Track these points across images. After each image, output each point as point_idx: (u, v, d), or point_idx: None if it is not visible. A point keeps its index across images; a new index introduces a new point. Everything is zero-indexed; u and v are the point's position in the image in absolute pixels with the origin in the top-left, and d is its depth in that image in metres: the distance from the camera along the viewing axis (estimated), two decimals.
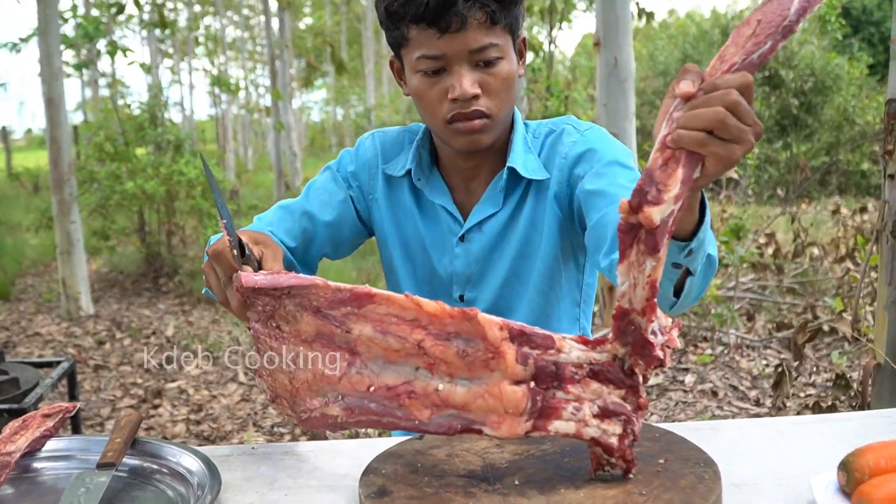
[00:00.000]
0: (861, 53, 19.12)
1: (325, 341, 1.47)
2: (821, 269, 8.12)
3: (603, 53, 5.76)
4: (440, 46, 1.78)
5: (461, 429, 1.39)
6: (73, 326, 8.16)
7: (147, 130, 10.50)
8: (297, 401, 1.52)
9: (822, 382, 5.59)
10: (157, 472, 1.58)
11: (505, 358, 1.36)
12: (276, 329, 1.51)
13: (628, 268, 1.28)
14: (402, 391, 1.42)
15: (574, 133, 1.97)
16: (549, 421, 1.36)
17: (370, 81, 31.69)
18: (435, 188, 2.03)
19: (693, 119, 1.20)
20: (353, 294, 1.43)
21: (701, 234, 1.44)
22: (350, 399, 1.46)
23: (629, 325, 1.33)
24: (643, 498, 1.32)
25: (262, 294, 1.48)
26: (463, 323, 1.37)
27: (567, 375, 1.37)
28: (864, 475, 1.30)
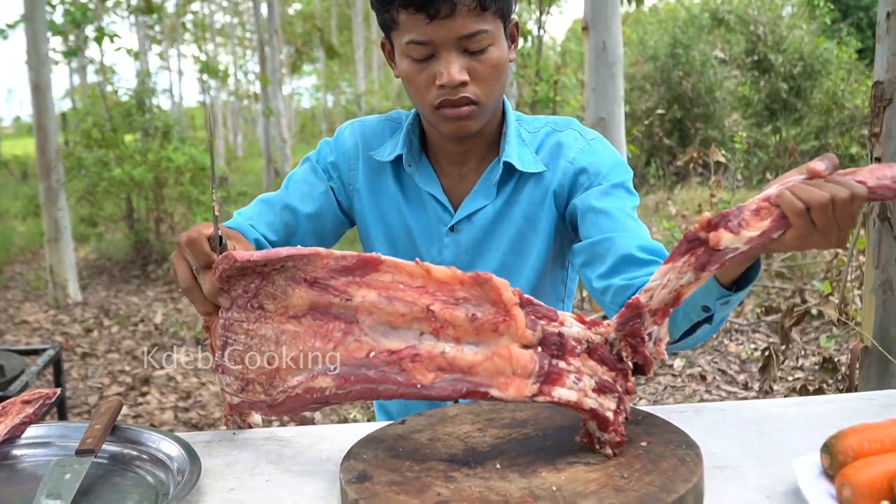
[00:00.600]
0: (850, 38, 19.09)
1: (319, 313, 1.46)
2: (809, 252, 8.13)
3: (591, 37, 5.74)
4: (429, 32, 1.76)
5: (465, 392, 1.38)
6: (61, 314, 8.14)
7: (135, 117, 10.47)
8: (276, 382, 1.50)
9: (810, 366, 5.60)
10: (137, 459, 1.56)
11: (516, 321, 1.37)
12: (259, 310, 1.50)
13: (669, 269, 1.37)
14: (405, 355, 1.41)
15: (580, 139, 1.96)
16: (553, 387, 1.36)
17: (360, 67, 31.63)
18: (424, 175, 2.01)
19: (803, 190, 1.32)
20: (361, 260, 1.44)
21: (744, 292, 1.57)
22: (344, 368, 1.44)
23: (635, 318, 1.40)
24: (625, 480, 1.31)
25: (249, 273, 1.49)
26: (474, 288, 1.40)
27: (569, 347, 1.39)
28: (848, 458, 1.30)
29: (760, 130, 15.93)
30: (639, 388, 5.44)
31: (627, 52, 16.37)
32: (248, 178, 19.04)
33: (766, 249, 1.38)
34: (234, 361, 1.53)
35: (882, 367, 3.60)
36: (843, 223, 1.34)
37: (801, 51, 16.36)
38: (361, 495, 1.32)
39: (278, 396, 1.51)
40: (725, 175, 10.15)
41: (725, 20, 17.28)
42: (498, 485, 1.34)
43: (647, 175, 15.10)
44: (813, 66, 16.31)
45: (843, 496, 1.23)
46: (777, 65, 16.41)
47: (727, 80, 16.19)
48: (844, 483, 1.24)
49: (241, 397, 1.56)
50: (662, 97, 15.95)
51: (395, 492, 1.32)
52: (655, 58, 16.31)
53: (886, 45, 3.50)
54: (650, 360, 1.43)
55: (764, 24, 16.84)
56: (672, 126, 15.97)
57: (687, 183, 14.25)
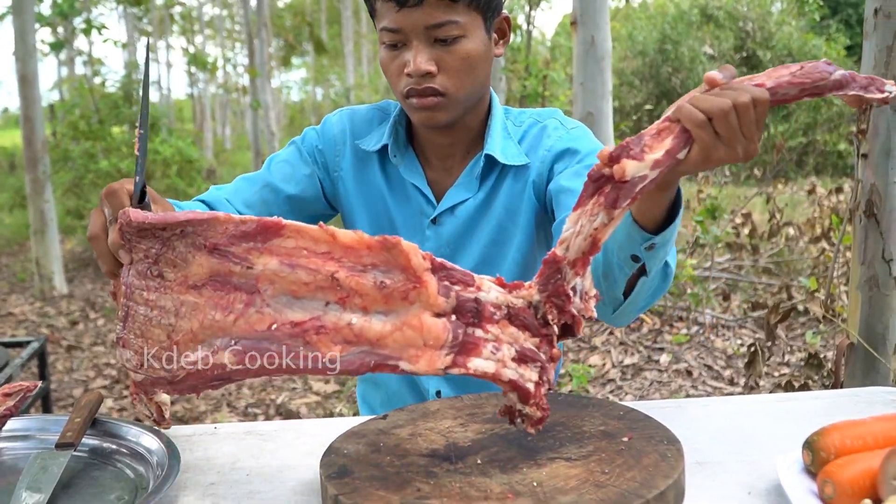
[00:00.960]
0: (838, 34, 19.14)
1: (219, 283, 1.35)
2: (796, 249, 8.15)
3: (580, 32, 5.74)
4: (398, 20, 1.77)
5: (374, 366, 1.27)
6: (47, 306, 8.12)
7: (122, 109, 10.44)
8: (176, 356, 1.39)
9: (797, 362, 5.61)
10: (117, 453, 1.56)
11: (427, 288, 1.27)
12: (158, 278, 1.40)
13: (580, 216, 1.29)
14: (309, 327, 1.30)
15: (560, 129, 1.95)
16: (468, 357, 1.27)
17: (350, 61, 31.56)
18: (409, 166, 2.01)
19: (701, 100, 1.28)
20: (261, 225, 1.33)
21: (667, 234, 1.48)
22: (245, 342, 1.32)
23: (555, 274, 1.32)
24: (605, 476, 1.31)
25: (149, 236, 1.39)
26: (381, 253, 1.30)
27: (486, 314, 1.30)
28: (830, 455, 1.29)
29: None
30: (624, 383, 5.45)
31: (617, 48, 16.37)
32: (236, 171, 18.96)
33: (674, 174, 1.33)
34: (135, 334, 1.42)
35: (868, 363, 3.61)
36: (749, 131, 1.30)
37: (790, 47, 16.40)
38: (341, 490, 1.31)
39: (178, 372, 1.39)
40: (713, 171, 10.16)
41: (714, 16, 17.30)
42: (479, 480, 1.33)
43: None
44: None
45: (825, 493, 1.23)
46: (766, 61, 16.43)
47: None
48: (827, 480, 1.23)
49: (142, 374, 1.43)
50: (651, 92, 15.97)
51: (375, 487, 1.32)
52: (644, 53, 16.34)
53: (874, 42, 3.50)
54: (578, 319, 1.34)
55: (753, 21, 16.86)
56: None
57: None
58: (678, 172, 1.33)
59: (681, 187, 1.48)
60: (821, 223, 7.90)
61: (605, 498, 1.24)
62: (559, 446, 1.43)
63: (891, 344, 3.59)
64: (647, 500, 1.24)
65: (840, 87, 1.35)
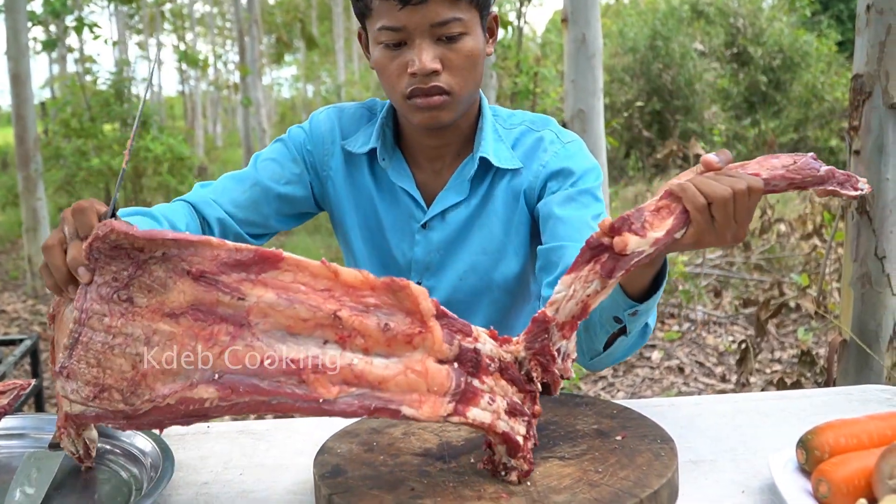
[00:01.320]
0: (830, 30, 19.15)
1: (202, 313, 1.25)
2: (788, 245, 8.16)
3: (571, 30, 5.73)
4: (401, 18, 1.73)
5: (374, 409, 1.22)
6: (39, 304, 8.10)
7: (113, 106, 10.42)
8: (141, 389, 1.26)
9: (789, 359, 5.61)
10: (110, 453, 1.55)
11: (433, 333, 1.25)
12: (126, 303, 1.27)
13: (574, 280, 1.33)
14: (306, 365, 1.22)
15: (556, 143, 1.93)
16: (468, 407, 1.26)
17: (341, 58, 31.51)
18: (398, 170, 1.96)
19: (705, 184, 1.33)
20: (259, 255, 1.25)
21: (651, 302, 1.55)
22: (231, 377, 1.23)
23: (543, 333, 1.33)
24: (599, 475, 1.31)
25: (123, 257, 1.26)
26: (386, 294, 1.26)
27: (483, 365, 1.29)
28: (824, 454, 1.30)
29: (739, 123, 15.96)
30: (616, 379, 5.45)
31: (607, 44, 16.36)
32: (227, 168, 18.91)
33: (666, 251, 1.37)
34: (88, 364, 1.27)
35: (860, 360, 3.61)
36: (741, 217, 1.35)
37: (781, 43, 16.40)
38: (335, 490, 1.31)
39: (142, 406, 1.26)
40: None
41: (705, 12, 17.29)
42: (472, 480, 1.33)
43: (626, 167, 15.12)
44: (792, 59, 16.35)
45: (819, 492, 1.23)
46: (756, 57, 16.43)
47: (707, 73, 16.19)
48: (821, 479, 1.23)
49: (93, 406, 1.28)
50: (642, 89, 15.95)
51: (368, 486, 1.32)
52: (635, 50, 16.31)
53: (866, 38, 3.50)
54: (557, 380, 1.36)
55: (744, 17, 16.86)
56: (651, 118, 15.97)
57: (666, 175, 14.25)
58: (668, 250, 1.37)
59: (666, 259, 1.53)
60: (812, 220, 7.91)
61: (599, 497, 1.24)
62: (552, 445, 1.43)
63: (884, 341, 3.60)
64: (640, 499, 1.24)
65: (822, 182, 1.41)
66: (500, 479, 1.32)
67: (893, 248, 3.50)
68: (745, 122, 15.99)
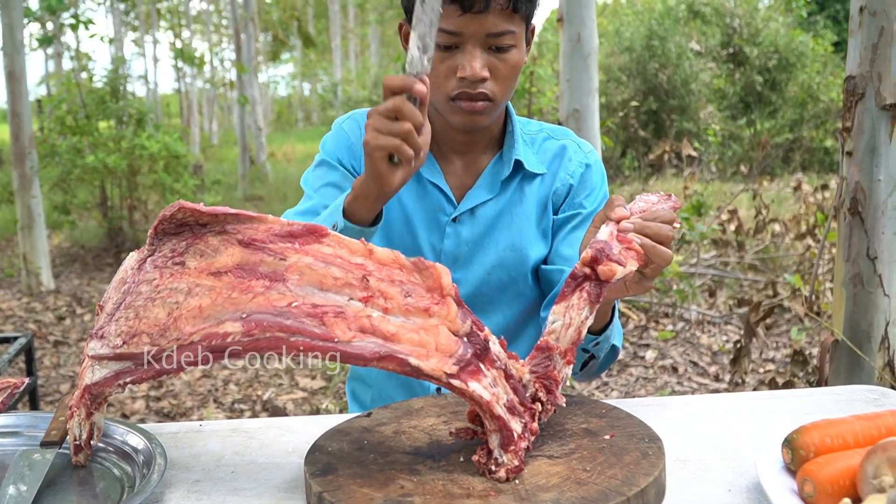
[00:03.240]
0: (825, 31, 19.18)
1: (244, 272, 1.38)
2: (782, 245, 8.17)
3: (566, 29, 5.74)
4: (460, 24, 1.78)
5: (383, 355, 1.31)
6: (34, 301, 8.10)
7: (109, 104, 10.41)
8: (169, 332, 1.36)
9: (782, 359, 5.63)
10: (103, 451, 1.56)
11: (449, 307, 1.35)
12: (179, 266, 1.41)
13: (567, 308, 1.44)
14: (329, 310, 1.33)
15: (580, 152, 2.08)
16: (471, 377, 1.33)
17: (337, 56, 31.57)
18: (428, 164, 2.02)
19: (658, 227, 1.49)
20: (306, 228, 1.40)
21: (608, 332, 1.77)
22: (257, 316, 1.33)
23: (546, 361, 1.43)
24: (587, 474, 1.32)
25: (187, 231, 1.43)
26: (413, 274, 1.38)
27: (490, 357, 1.37)
28: (810, 453, 1.30)
29: (735, 123, 15.98)
30: (611, 379, 5.46)
31: (604, 44, 16.36)
32: (223, 167, 18.95)
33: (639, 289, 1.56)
34: (126, 318, 1.40)
35: (852, 360, 3.63)
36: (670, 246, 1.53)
37: (777, 44, 16.42)
38: (325, 488, 1.32)
39: (166, 346, 1.36)
40: (699, 167, 10.19)
41: (701, 12, 17.31)
42: (461, 478, 1.34)
43: (622, 166, 15.14)
44: (788, 59, 16.38)
45: (804, 492, 1.24)
46: (752, 57, 16.46)
47: (702, 73, 16.22)
48: (806, 479, 1.24)
49: (121, 351, 1.38)
50: (638, 89, 15.97)
51: (358, 484, 1.33)
52: (631, 49, 16.32)
53: (859, 40, 3.52)
54: (554, 404, 1.46)
55: (740, 17, 16.88)
56: (647, 118, 15.99)
57: (662, 175, 14.29)
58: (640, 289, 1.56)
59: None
60: (806, 220, 7.93)
61: (587, 495, 1.25)
62: (541, 444, 1.45)
63: (875, 341, 3.61)
64: (627, 497, 1.25)
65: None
66: (489, 478, 1.34)
67: (885, 248, 3.52)
68: (741, 122, 16.02)
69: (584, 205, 2.04)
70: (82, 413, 1.47)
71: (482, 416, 1.37)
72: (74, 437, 1.49)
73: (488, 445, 1.37)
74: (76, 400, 1.46)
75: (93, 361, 1.42)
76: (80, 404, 1.46)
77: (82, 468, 1.52)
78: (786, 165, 15.03)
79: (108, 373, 1.41)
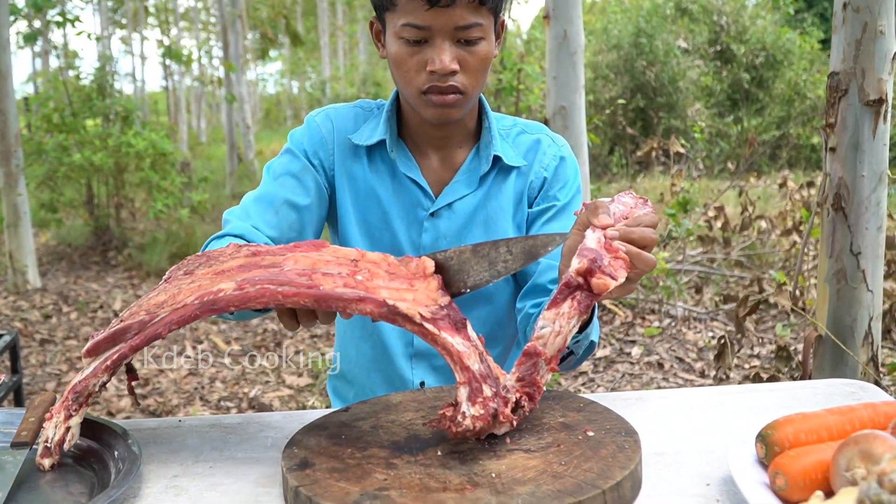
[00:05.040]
0: (812, 28, 19.22)
1: (245, 268, 1.51)
2: (768, 242, 8.18)
3: (553, 26, 5.74)
4: (427, 18, 1.80)
5: (361, 298, 1.42)
6: (20, 300, 8.08)
7: (95, 101, 10.38)
8: (165, 304, 1.49)
9: (767, 354, 5.64)
10: (78, 448, 1.56)
11: (429, 282, 1.50)
12: (188, 275, 1.58)
13: (557, 316, 1.45)
14: (318, 272, 1.46)
15: (553, 146, 2.09)
16: (451, 331, 1.42)
17: (325, 53, 31.51)
18: (404, 160, 2.04)
19: (642, 232, 1.50)
20: (309, 243, 1.58)
21: (588, 330, 1.78)
22: (250, 277, 1.46)
23: (531, 366, 1.45)
24: (563, 467, 1.33)
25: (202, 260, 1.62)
26: (399, 268, 1.53)
27: (467, 334, 1.45)
28: (783, 448, 1.31)
29: (722, 120, 16.00)
30: (597, 375, 5.47)
31: (592, 41, 16.38)
32: (210, 164, 18.91)
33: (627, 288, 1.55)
34: (131, 312, 1.52)
35: (836, 355, 3.65)
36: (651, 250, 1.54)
37: (764, 41, 16.45)
38: (302, 482, 1.32)
39: (160, 312, 1.47)
40: (687, 164, 10.20)
41: (689, 10, 17.34)
42: (438, 472, 1.34)
43: (609, 164, 15.16)
44: (775, 57, 16.41)
45: (776, 485, 1.25)
46: (740, 55, 16.48)
47: (690, 70, 16.24)
48: (778, 472, 1.25)
49: (115, 328, 1.49)
50: (626, 86, 15.99)
51: (335, 479, 1.33)
52: (619, 47, 16.34)
53: (842, 36, 3.54)
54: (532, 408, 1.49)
55: (727, 14, 16.91)
56: (635, 115, 16.01)
57: (649, 172, 14.31)
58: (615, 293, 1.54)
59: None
60: (792, 216, 7.94)
61: (562, 488, 1.26)
62: (518, 438, 1.45)
63: (859, 336, 3.63)
64: (603, 490, 1.25)
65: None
66: (466, 470, 1.34)
67: (868, 244, 3.54)
68: (728, 120, 16.04)
69: (557, 197, 2.05)
70: (61, 416, 1.48)
71: (452, 367, 1.41)
72: (46, 438, 1.49)
73: (456, 399, 1.41)
74: (58, 405, 1.49)
75: (85, 362, 1.51)
76: (62, 408, 1.48)
77: (58, 466, 1.51)
78: (773, 162, 15.06)
79: (96, 362, 1.48)
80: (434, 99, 1.86)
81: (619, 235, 1.49)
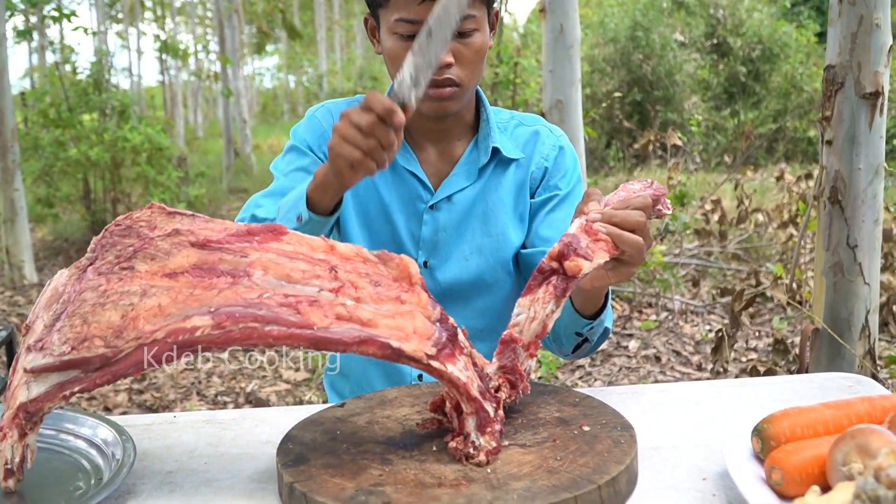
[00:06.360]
0: (809, 21, 19.20)
1: (203, 271, 1.35)
2: (765, 235, 8.18)
3: (549, 20, 5.73)
4: (420, 12, 1.80)
5: (363, 340, 1.30)
6: (17, 295, 8.07)
7: (91, 96, 10.36)
8: (126, 333, 1.29)
9: (764, 347, 5.64)
10: (73, 443, 1.56)
11: (419, 294, 1.39)
12: (127, 270, 1.36)
13: (532, 302, 1.46)
14: (303, 299, 1.32)
15: (551, 136, 2.11)
16: (447, 360, 1.35)
17: (322, 48, 31.49)
18: (403, 153, 2.04)
19: (626, 214, 1.48)
20: (265, 227, 1.43)
21: (602, 317, 1.79)
22: (227, 309, 1.30)
23: (510, 353, 1.45)
24: (559, 462, 1.32)
25: (133, 234, 1.41)
26: (377, 267, 1.42)
27: (459, 343, 1.40)
28: (779, 442, 1.30)
29: (719, 113, 16.00)
30: (594, 369, 5.47)
31: (588, 35, 16.36)
32: (207, 159, 18.91)
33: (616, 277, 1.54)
34: (72, 326, 1.31)
35: (833, 349, 3.64)
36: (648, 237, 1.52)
37: (761, 34, 16.44)
38: (297, 478, 1.32)
39: (125, 347, 1.29)
40: (684, 158, 10.19)
41: (685, 3, 17.32)
42: (433, 467, 1.34)
43: (606, 157, 15.15)
44: (772, 50, 16.40)
45: (772, 480, 1.24)
46: (736, 48, 16.47)
47: (687, 64, 16.22)
48: (774, 467, 1.25)
49: (68, 358, 1.29)
50: (623, 80, 15.98)
51: (330, 474, 1.33)
52: (616, 40, 16.32)
53: (838, 29, 3.53)
54: (515, 398, 1.48)
55: (724, 8, 16.89)
56: (632, 108, 16.00)
57: (646, 165, 14.30)
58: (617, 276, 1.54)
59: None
60: (789, 209, 7.94)
61: (558, 483, 1.25)
62: (514, 433, 1.45)
63: (856, 330, 3.62)
64: (598, 485, 1.25)
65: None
66: (461, 466, 1.34)
67: (865, 237, 3.53)
68: (725, 113, 16.03)
69: (559, 186, 2.07)
70: (15, 434, 1.35)
71: (459, 398, 1.38)
72: (6, 461, 1.36)
73: (464, 430, 1.38)
74: (7, 421, 1.35)
75: (29, 377, 1.32)
76: (13, 425, 1.34)
77: (53, 461, 1.51)
78: (769, 156, 15.05)
79: (48, 386, 1.32)
80: (431, 92, 1.86)
81: (600, 218, 1.48)
